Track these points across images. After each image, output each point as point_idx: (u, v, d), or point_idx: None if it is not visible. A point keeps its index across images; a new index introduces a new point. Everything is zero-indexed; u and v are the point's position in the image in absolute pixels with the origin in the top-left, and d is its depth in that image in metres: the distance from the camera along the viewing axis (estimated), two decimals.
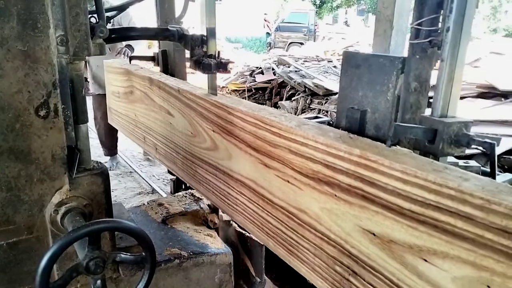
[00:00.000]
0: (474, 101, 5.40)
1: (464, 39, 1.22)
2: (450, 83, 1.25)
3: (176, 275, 1.57)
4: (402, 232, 0.87)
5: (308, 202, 1.12)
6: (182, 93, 1.71)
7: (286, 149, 1.18)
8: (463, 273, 0.77)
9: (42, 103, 1.09)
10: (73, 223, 1.12)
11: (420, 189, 0.82)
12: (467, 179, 0.78)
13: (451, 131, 1.21)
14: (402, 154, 0.96)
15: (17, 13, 1.00)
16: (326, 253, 1.10)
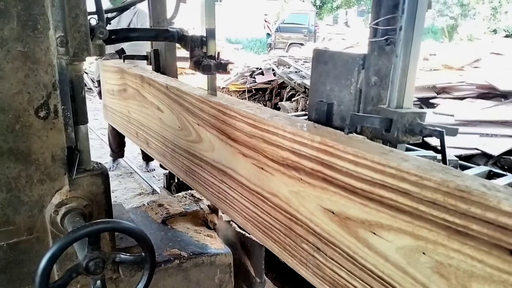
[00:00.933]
0: (474, 102, 5.40)
1: (416, 37, 1.35)
2: (404, 77, 1.36)
3: (176, 276, 1.57)
4: (356, 209, 0.97)
5: (279, 187, 1.23)
6: (170, 90, 1.81)
7: (260, 139, 1.28)
8: (404, 243, 0.86)
9: (42, 104, 1.09)
10: (73, 223, 1.12)
11: (368, 170, 0.92)
12: (407, 160, 0.88)
13: (405, 120, 1.32)
14: (356, 140, 1.06)
15: (17, 14, 1.00)
16: (294, 233, 1.19)
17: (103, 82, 2.83)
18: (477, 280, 0.74)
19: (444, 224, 0.77)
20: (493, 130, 4.39)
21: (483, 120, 4.65)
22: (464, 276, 0.76)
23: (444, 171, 0.82)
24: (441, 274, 0.80)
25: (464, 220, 0.74)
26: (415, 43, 1.34)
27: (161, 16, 2.41)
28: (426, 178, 0.79)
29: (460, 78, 6.21)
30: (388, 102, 1.37)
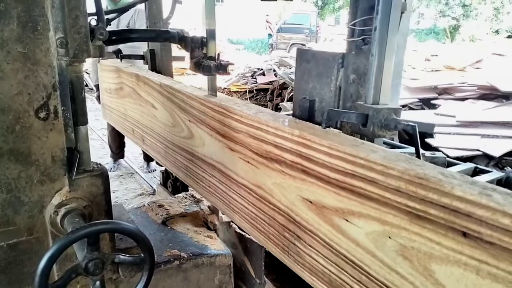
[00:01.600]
0: (475, 103, 5.39)
1: (390, 37, 1.42)
2: (380, 75, 1.44)
3: (176, 277, 1.58)
4: (330, 198, 1.03)
5: (263, 179, 1.29)
6: (163, 88, 1.87)
7: (246, 134, 1.34)
8: (372, 229, 0.92)
9: (42, 105, 1.09)
10: (72, 224, 1.12)
11: (341, 161, 0.98)
12: (375, 151, 0.94)
13: (380, 116, 1.40)
14: (332, 133, 1.12)
15: (17, 16, 1.01)
16: (277, 222, 1.26)
17: (101, 81, 2.88)
18: (435, 261, 0.80)
19: (407, 209, 0.83)
20: (495, 131, 4.38)
21: (484, 121, 4.64)
22: (424, 257, 0.82)
23: (408, 161, 0.88)
24: (405, 257, 0.86)
25: (423, 205, 0.80)
26: (390, 42, 1.41)
27: (157, 16, 2.48)
28: (391, 167, 0.85)
29: (461, 79, 6.20)
30: (365, 99, 1.44)
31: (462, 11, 19.21)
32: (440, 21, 20.43)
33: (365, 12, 1.54)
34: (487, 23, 19.12)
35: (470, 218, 0.73)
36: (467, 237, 0.74)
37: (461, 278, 0.76)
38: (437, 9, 19.92)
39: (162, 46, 2.47)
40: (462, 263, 0.75)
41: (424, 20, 21.10)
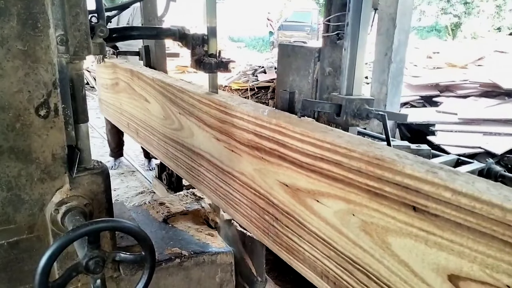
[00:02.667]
0: (477, 100, 5.37)
1: (362, 32, 1.51)
2: (352, 68, 1.54)
3: (177, 275, 1.57)
4: (303, 181, 1.11)
5: (245, 166, 1.37)
6: (155, 82, 1.96)
7: (230, 124, 1.41)
8: (339, 207, 1.01)
9: (42, 102, 1.09)
10: (73, 222, 1.12)
11: (311, 146, 1.07)
12: (341, 137, 1.03)
13: (353, 106, 1.51)
14: (305, 122, 1.19)
15: (17, 13, 1.00)
16: (258, 206, 1.34)
17: (98, 77, 2.98)
18: (391, 234, 0.88)
19: (367, 188, 0.92)
20: (497, 129, 4.37)
21: (486, 119, 4.63)
22: (382, 231, 0.90)
23: (369, 145, 0.96)
24: (366, 232, 0.95)
25: (380, 183, 0.88)
26: (362, 37, 1.51)
27: (151, 14, 2.58)
28: (353, 150, 0.94)
29: (463, 76, 6.18)
30: (339, 90, 1.55)
31: (463, 8, 19.13)
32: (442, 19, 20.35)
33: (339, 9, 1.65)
34: (489, 20, 19.05)
35: (418, 193, 0.80)
36: (417, 211, 0.82)
37: (413, 248, 0.84)
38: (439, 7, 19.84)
39: (157, 42, 2.55)
40: (413, 235, 0.83)
41: (425, 18, 21.02)
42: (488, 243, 0.71)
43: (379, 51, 4.56)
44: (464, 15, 19.15)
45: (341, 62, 1.59)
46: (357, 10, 1.50)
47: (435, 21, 21.38)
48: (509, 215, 0.67)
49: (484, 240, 0.71)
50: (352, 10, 1.49)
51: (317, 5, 21.95)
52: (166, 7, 2.28)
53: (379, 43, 4.54)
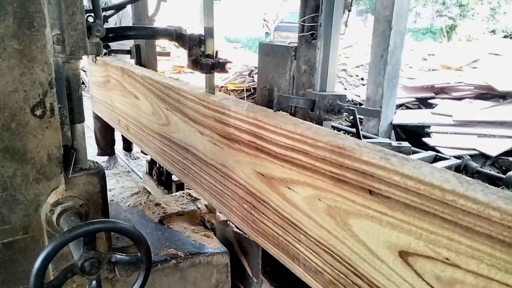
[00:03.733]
0: (472, 102, 5.40)
1: (334, 32, 1.63)
2: (326, 65, 1.64)
3: (173, 276, 1.57)
4: (277, 170, 1.19)
5: (227, 158, 1.44)
6: (144, 79, 2.03)
7: (213, 118, 1.48)
8: (307, 194, 1.08)
9: (38, 102, 1.08)
10: (68, 223, 1.11)
11: (283, 137, 1.14)
12: (309, 129, 1.10)
13: (326, 101, 1.63)
14: (279, 115, 1.26)
15: (13, 12, 1.00)
16: (238, 195, 1.41)
17: (90, 74, 3.06)
18: (352, 216, 0.96)
19: (331, 175, 1.00)
20: (491, 131, 4.39)
21: (481, 121, 4.65)
22: (344, 214, 0.98)
23: (333, 135, 1.04)
24: (331, 215, 1.02)
25: (342, 170, 0.97)
26: (334, 36, 1.62)
27: (142, 13, 2.65)
28: (319, 140, 1.02)
29: (458, 78, 6.22)
30: (314, 87, 1.67)
31: (459, 11, 19.22)
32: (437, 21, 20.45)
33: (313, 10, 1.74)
34: (484, 23, 19.17)
35: (373, 178, 0.88)
36: (372, 194, 0.90)
37: (369, 228, 0.92)
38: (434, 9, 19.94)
39: (147, 42, 2.63)
40: (370, 216, 0.91)
41: (421, 20, 21.11)
42: (431, 221, 0.78)
43: (375, 53, 4.58)
44: (459, 17, 19.25)
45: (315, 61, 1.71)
46: (329, 12, 1.61)
47: (430, 23, 21.48)
48: (447, 195, 0.74)
49: (428, 218, 0.79)
50: (324, 11, 1.60)
51: None
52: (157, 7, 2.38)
53: (375, 45, 4.55)
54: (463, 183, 0.76)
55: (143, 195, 4.01)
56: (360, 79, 7.33)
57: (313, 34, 1.72)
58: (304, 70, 1.76)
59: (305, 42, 1.76)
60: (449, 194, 0.74)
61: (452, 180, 0.77)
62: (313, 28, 1.72)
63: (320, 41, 1.60)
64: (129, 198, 3.94)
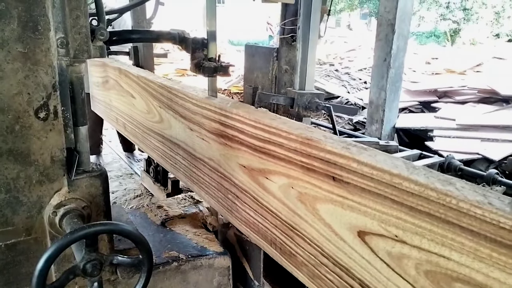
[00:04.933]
0: (476, 106, 5.38)
1: (312, 35, 1.75)
2: (304, 66, 1.74)
3: (174, 278, 1.57)
4: (256, 162, 1.27)
5: (213, 152, 1.53)
6: (140, 79, 2.11)
7: (201, 115, 1.56)
8: (282, 182, 1.17)
9: (41, 105, 1.09)
10: (71, 225, 1.12)
11: (262, 131, 1.23)
12: (284, 123, 1.19)
13: (304, 99, 1.75)
14: (259, 111, 1.34)
15: (18, 15, 1.01)
16: (223, 187, 1.49)
17: (90, 75, 3.07)
18: (319, 201, 1.04)
19: (301, 164, 1.08)
20: (495, 135, 4.38)
21: (484, 125, 4.64)
22: (312, 199, 1.07)
23: (303, 129, 1.12)
24: (302, 201, 1.10)
25: (310, 160, 1.05)
26: (312, 38, 1.74)
27: (140, 16, 2.78)
28: (291, 133, 1.11)
29: (462, 82, 6.20)
30: (294, 85, 1.80)
31: (462, 14, 19.19)
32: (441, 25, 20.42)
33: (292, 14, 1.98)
34: (488, 27, 19.12)
35: (336, 165, 0.97)
36: (335, 180, 0.99)
37: (333, 212, 1.01)
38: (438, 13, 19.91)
39: (145, 44, 2.77)
40: (334, 201, 1.00)
41: (424, 23, 21.09)
42: (382, 202, 0.87)
43: (378, 57, 4.57)
44: (463, 21, 19.22)
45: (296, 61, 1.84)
46: (307, 16, 1.72)
47: (434, 27, 21.45)
48: (394, 178, 0.84)
49: (379, 200, 0.88)
50: (302, 15, 1.71)
51: None
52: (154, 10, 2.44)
53: (378, 49, 4.54)
54: (409, 169, 0.85)
55: (146, 198, 4.01)
56: (363, 83, 7.33)
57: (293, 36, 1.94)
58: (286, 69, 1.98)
59: (285, 44, 1.97)
60: (396, 177, 0.83)
61: (400, 166, 0.86)
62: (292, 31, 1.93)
63: (299, 43, 1.73)
64: (131, 201, 3.95)
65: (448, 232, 0.76)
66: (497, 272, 0.69)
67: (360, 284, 0.97)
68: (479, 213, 0.70)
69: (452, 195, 0.74)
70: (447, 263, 0.77)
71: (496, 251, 0.69)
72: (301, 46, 1.72)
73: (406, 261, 0.84)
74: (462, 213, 0.73)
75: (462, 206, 0.72)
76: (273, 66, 1.98)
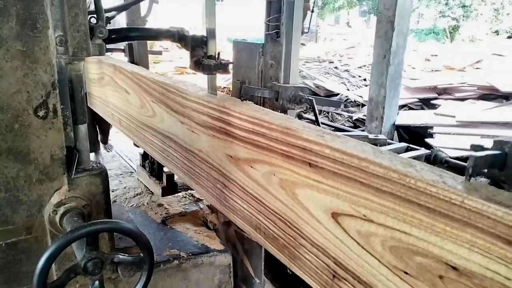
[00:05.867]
0: (475, 103, 5.38)
1: (295, 31, 1.97)
2: (288, 60, 1.93)
3: (175, 276, 1.57)
4: (242, 152, 1.32)
5: (202, 144, 1.57)
6: (133, 75, 2.16)
7: (190, 108, 1.61)
8: (265, 170, 1.23)
9: (41, 103, 1.09)
10: (71, 223, 1.12)
11: (246, 122, 1.27)
12: (266, 114, 1.25)
13: (288, 92, 1.91)
14: (245, 103, 1.39)
15: (16, 13, 1.00)
16: (212, 177, 1.55)
17: (87, 72, 3.18)
18: (298, 186, 1.11)
19: (282, 152, 1.15)
20: (494, 131, 4.38)
21: (484, 121, 4.64)
22: (292, 185, 1.13)
23: (284, 119, 1.19)
24: (282, 187, 1.17)
25: (289, 147, 1.12)
26: (295, 34, 1.95)
27: (135, 14, 2.85)
28: (272, 123, 1.17)
29: (461, 79, 6.20)
30: (279, 79, 1.97)
31: (462, 11, 19.16)
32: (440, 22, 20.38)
33: (276, 11, 2.00)
34: (487, 23, 19.10)
35: (312, 152, 1.04)
36: (311, 166, 1.05)
37: (311, 196, 1.07)
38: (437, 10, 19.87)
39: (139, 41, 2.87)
40: (310, 185, 1.06)
41: (424, 20, 21.05)
42: (352, 185, 0.94)
43: (377, 54, 4.57)
44: (462, 18, 19.20)
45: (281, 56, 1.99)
46: (289, 13, 1.87)
47: (433, 24, 21.42)
48: (362, 162, 0.91)
49: (350, 183, 0.95)
50: (285, 12, 1.86)
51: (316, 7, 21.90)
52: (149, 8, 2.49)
53: (378, 46, 4.54)
54: (376, 153, 0.93)
55: (146, 196, 4.01)
56: (363, 80, 7.33)
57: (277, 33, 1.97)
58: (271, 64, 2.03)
59: (270, 40, 2.00)
60: (363, 161, 0.90)
61: (367, 151, 0.94)
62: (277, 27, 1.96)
63: (282, 39, 1.88)
64: (132, 199, 3.95)
65: (408, 210, 0.83)
66: (450, 245, 0.77)
67: (335, 262, 1.05)
68: (434, 191, 0.77)
69: (411, 176, 0.81)
70: (408, 238, 0.84)
71: (449, 226, 0.76)
72: (284, 42, 1.87)
73: (373, 239, 0.92)
74: (419, 191, 0.80)
75: (420, 185, 0.79)
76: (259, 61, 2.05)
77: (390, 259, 0.89)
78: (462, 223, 0.74)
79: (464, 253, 0.75)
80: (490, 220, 0.70)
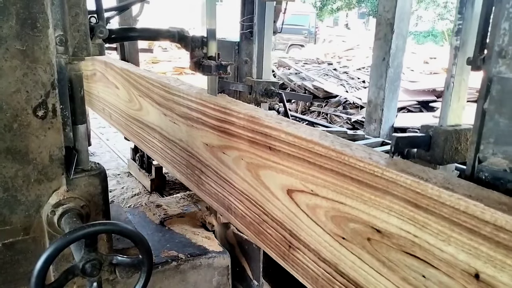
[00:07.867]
0: (473, 106, 5.39)
1: (267, 30, 2.11)
2: (261, 57, 2.07)
3: (173, 278, 1.56)
4: (216, 140, 1.47)
5: (182, 134, 1.71)
6: (123, 71, 2.32)
7: (172, 101, 1.75)
8: (235, 155, 1.37)
9: (40, 103, 1.08)
10: (70, 224, 1.11)
11: (219, 113, 1.42)
12: (236, 105, 1.38)
13: (261, 86, 2.13)
14: (219, 96, 1.55)
15: (16, 12, 1.00)
16: (191, 164, 1.69)
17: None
18: (261, 169, 1.25)
19: (248, 139, 1.29)
20: None
21: None
22: (256, 167, 1.27)
23: (251, 109, 1.32)
24: (249, 169, 1.31)
25: (254, 134, 1.25)
26: (267, 33, 2.09)
27: (127, 14, 2.97)
28: (241, 113, 1.30)
29: None
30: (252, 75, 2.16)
31: None
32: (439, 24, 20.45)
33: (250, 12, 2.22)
34: None
35: (271, 137, 1.18)
36: (271, 149, 1.19)
37: (271, 176, 1.21)
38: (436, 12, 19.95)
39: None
40: (270, 167, 1.20)
41: (422, 23, 21.13)
42: (302, 164, 1.08)
43: (376, 56, 4.57)
44: None
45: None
46: (261, 14, 2.02)
47: (431, 26, 21.49)
48: (309, 144, 1.05)
49: (300, 162, 1.09)
50: (257, 13, 2.01)
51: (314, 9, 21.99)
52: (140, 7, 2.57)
53: (377, 48, 4.54)
54: (321, 136, 1.06)
55: (144, 196, 4.00)
56: (362, 82, 7.33)
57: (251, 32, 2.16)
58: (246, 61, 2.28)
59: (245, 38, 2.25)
60: (310, 143, 1.04)
61: (315, 134, 1.08)
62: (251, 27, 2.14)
63: (255, 38, 2.02)
64: (130, 199, 3.94)
65: (344, 183, 0.96)
66: (374, 211, 0.90)
67: (290, 234, 1.17)
68: (362, 165, 0.91)
69: (346, 154, 0.95)
70: (344, 208, 0.98)
71: (373, 194, 0.89)
72: (257, 40, 2.00)
73: (318, 210, 1.05)
74: (351, 166, 0.94)
75: (352, 161, 0.93)
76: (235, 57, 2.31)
77: (331, 227, 1.03)
78: (382, 191, 0.87)
79: (385, 217, 0.88)
80: (402, 188, 0.83)
